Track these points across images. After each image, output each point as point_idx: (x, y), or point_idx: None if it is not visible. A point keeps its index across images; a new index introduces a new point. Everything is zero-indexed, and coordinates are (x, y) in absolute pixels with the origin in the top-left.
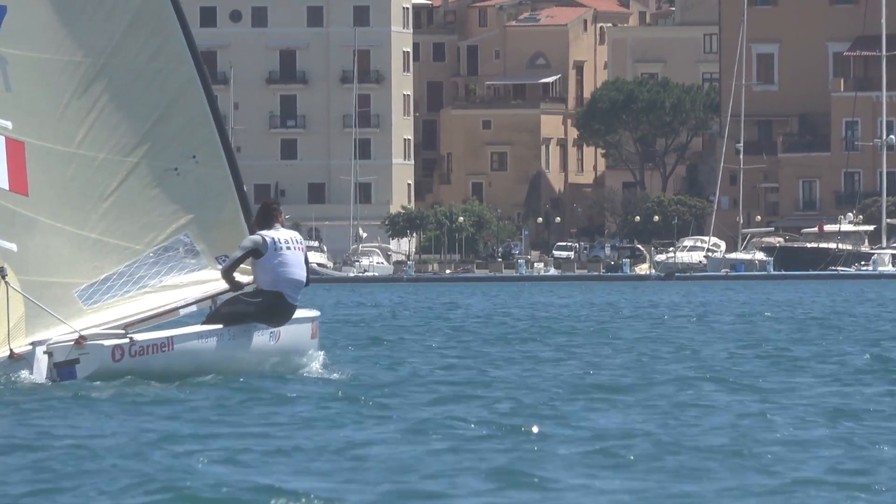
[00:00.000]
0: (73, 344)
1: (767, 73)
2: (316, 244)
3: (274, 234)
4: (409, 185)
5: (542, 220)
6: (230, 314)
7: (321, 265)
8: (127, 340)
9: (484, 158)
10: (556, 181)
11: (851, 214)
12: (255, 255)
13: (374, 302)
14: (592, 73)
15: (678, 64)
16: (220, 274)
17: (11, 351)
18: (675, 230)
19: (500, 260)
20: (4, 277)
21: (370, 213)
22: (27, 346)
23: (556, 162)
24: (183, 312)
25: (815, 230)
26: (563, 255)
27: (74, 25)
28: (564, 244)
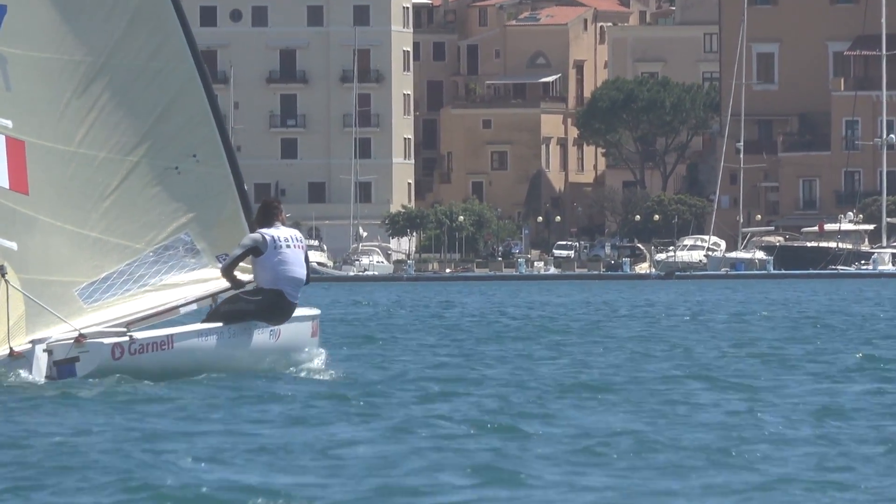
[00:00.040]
0: (72, 342)
1: (767, 72)
2: (316, 243)
3: (274, 232)
4: (409, 184)
5: (542, 219)
6: (230, 312)
7: (321, 264)
8: (127, 338)
9: (484, 158)
10: (556, 180)
11: (851, 214)
12: (254, 253)
13: (371, 301)
14: (592, 72)
15: (678, 63)
16: (220, 272)
17: (11, 349)
18: (675, 229)
19: (500, 259)
20: (4, 276)
21: (370, 212)
22: (27, 344)
23: (556, 161)
24: (183, 311)
25: (815, 229)
26: (563, 254)
27: (74, 24)
28: (564, 243)
